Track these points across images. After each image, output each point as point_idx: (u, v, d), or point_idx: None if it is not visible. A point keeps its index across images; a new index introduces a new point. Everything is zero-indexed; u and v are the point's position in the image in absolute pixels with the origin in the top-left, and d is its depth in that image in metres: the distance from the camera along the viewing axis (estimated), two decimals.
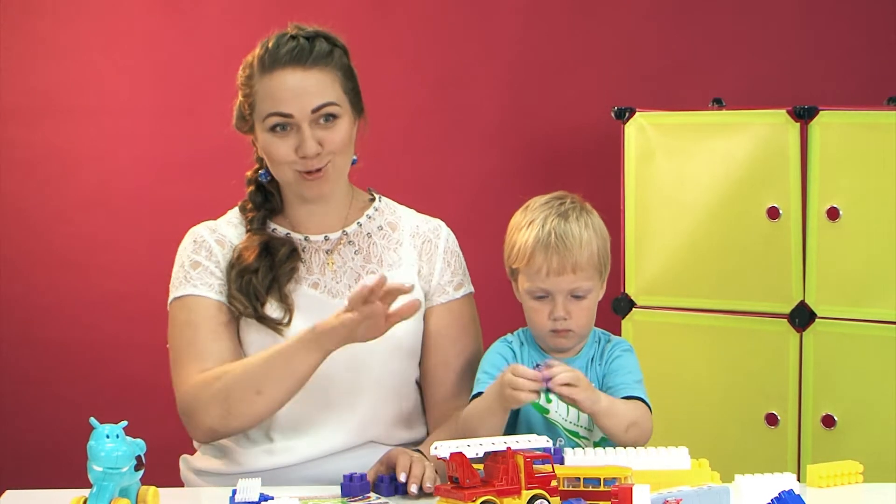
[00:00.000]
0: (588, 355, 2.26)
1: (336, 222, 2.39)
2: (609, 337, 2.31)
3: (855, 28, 3.68)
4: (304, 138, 2.26)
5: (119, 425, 1.83)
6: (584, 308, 2.21)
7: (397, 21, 3.62)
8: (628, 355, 2.27)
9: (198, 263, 2.33)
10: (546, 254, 2.19)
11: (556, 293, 2.20)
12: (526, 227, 2.23)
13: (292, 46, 2.28)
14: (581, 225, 2.22)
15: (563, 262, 2.18)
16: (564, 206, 2.25)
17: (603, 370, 2.25)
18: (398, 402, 2.36)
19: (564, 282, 2.19)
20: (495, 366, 2.24)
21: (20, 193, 3.59)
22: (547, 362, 2.11)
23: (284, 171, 2.30)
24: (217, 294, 2.31)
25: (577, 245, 2.19)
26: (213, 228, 2.38)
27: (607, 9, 3.70)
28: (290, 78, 2.27)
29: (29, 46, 3.57)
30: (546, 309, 2.21)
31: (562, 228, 2.20)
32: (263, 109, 2.28)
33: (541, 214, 2.23)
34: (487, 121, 3.70)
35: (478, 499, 1.85)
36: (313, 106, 2.27)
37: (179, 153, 3.62)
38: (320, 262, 2.36)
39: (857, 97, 3.43)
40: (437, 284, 2.40)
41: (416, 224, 2.44)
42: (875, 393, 3.00)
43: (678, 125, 3.24)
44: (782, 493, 1.82)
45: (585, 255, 2.20)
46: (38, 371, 3.60)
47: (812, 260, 3.06)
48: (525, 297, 2.24)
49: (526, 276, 2.22)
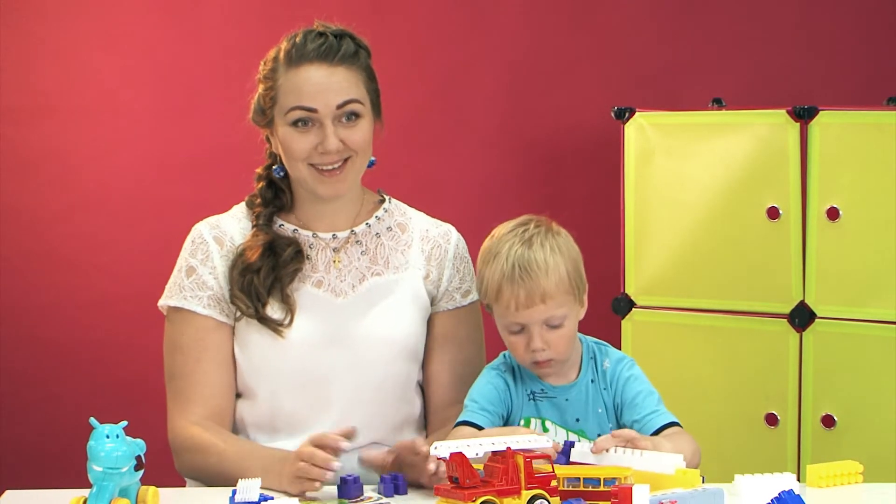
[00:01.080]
0: (587, 378, 2.21)
1: (346, 221, 2.39)
2: (601, 348, 2.25)
3: (855, 28, 3.68)
4: (326, 134, 2.26)
5: (119, 425, 1.83)
6: (561, 336, 2.15)
7: (397, 21, 3.63)
8: (636, 377, 2.20)
9: (193, 269, 2.33)
10: (512, 288, 2.12)
11: (531, 325, 2.14)
12: (492, 261, 2.16)
13: (320, 43, 2.27)
14: (546, 251, 2.13)
15: (531, 293, 2.11)
16: (528, 233, 2.16)
17: (613, 398, 2.19)
18: (400, 405, 2.36)
19: (536, 313, 2.13)
20: (485, 397, 2.19)
21: (20, 193, 3.58)
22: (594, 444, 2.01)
23: (301, 168, 2.29)
24: (206, 307, 2.31)
25: (543, 274, 2.12)
26: (215, 224, 2.38)
27: (607, 9, 3.70)
28: (316, 73, 2.27)
29: (29, 46, 3.57)
30: (523, 342, 2.15)
31: (525, 258, 2.12)
32: (286, 103, 2.27)
33: (505, 245, 2.15)
34: (487, 121, 3.70)
35: (478, 499, 1.85)
36: (338, 102, 2.26)
37: (179, 153, 3.61)
38: (326, 260, 2.36)
39: (857, 97, 3.43)
40: (446, 290, 2.40)
41: (426, 228, 2.43)
42: (875, 393, 3.00)
43: (678, 125, 3.24)
44: (782, 493, 1.82)
45: (553, 282, 2.12)
46: (38, 371, 3.60)
47: (812, 260, 3.06)
48: (502, 331, 2.19)
49: (498, 311, 2.17)
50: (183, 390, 2.31)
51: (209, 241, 2.35)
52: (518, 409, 2.20)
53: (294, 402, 2.29)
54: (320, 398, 2.29)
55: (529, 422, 2.20)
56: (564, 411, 2.20)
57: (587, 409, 2.19)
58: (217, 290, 2.32)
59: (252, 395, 2.33)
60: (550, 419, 2.20)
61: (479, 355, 2.42)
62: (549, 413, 2.20)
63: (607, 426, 2.19)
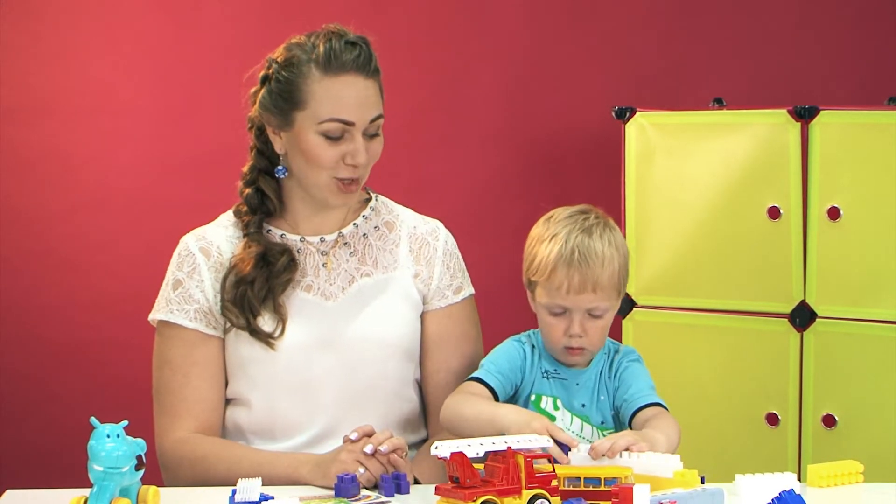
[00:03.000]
0: (598, 367, 2.25)
1: (334, 224, 2.38)
2: (618, 347, 2.29)
3: (855, 28, 3.68)
4: (357, 148, 2.24)
5: (119, 425, 1.83)
6: (599, 327, 2.19)
7: (397, 21, 3.62)
8: (637, 364, 2.25)
9: (179, 283, 2.33)
10: (568, 270, 2.15)
11: (574, 311, 2.17)
12: (548, 241, 2.18)
13: (357, 54, 2.25)
14: (605, 242, 2.18)
15: (585, 280, 2.15)
16: (588, 222, 2.20)
17: (613, 383, 2.23)
18: (397, 405, 2.35)
19: (584, 300, 2.16)
20: (502, 362, 2.22)
21: (20, 193, 3.58)
22: (592, 448, 2.01)
23: (323, 176, 2.27)
24: (192, 321, 2.31)
25: (600, 264, 2.16)
26: (201, 236, 2.36)
27: (607, 9, 3.70)
28: (356, 85, 2.25)
29: (29, 47, 3.57)
30: (562, 325, 2.19)
31: (585, 246, 2.16)
32: (322, 112, 2.24)
33: (564, 228, 2.18)
34: (488, 121, 3.70)
35: (478, 499, 1.85)
36: (371, 116, 2.26)
37: (179, 153, 3.61)
38: (315, 263, 2.35)
39: (857, 97, 3.43)
40: (437, 288, 2.39)
41: (413, 225, 2.42)
42: (875, 393, 3.00)
43: (678, 125, 3.24)
44: (782, 493, 1.82)
45: (607, 274, 2.16)
46: (38, 371, 3.60)
47: (812, 260, 3.06)
48: (541, 311, 2.21)
49: (545, 290, 2.19)
50: (173, 406, 2.31)
51: (196, 254, 2.34)
52: (529, 384, 2.23)
53: (289, 407, 2.29)
54: (315, 401, 2.29)
55: (541, 398, 2.22)
56: (573, 395, 2.23)
57: (593, 396, 2.23)
58: (204, 303, 2.31)
59: (246, 402, 2.32)
60: (560, 398, 2.23)
61: (476, 351, 2.41)
62: (558, 393, 2.23)
63: (609, 414, 2.22)
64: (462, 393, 2.21)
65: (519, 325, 2.20)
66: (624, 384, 2.22)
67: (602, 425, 2.23)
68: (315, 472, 2.13)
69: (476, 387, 2.21)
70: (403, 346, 2.35)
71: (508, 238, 3.68)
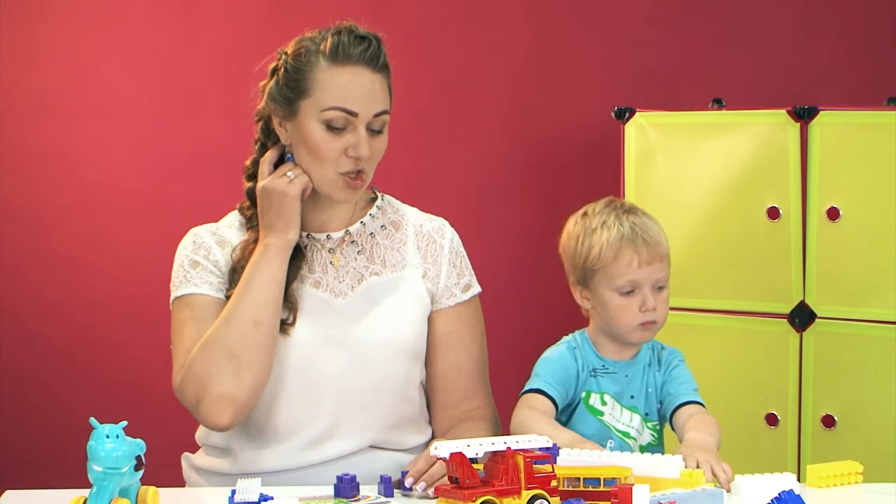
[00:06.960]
0: (644, 360, 2.31)
1: (341, 222, 2.38)
2: (662, 345, 2.35)
3: (855, 28, 3.68)
4: (360, 140, 2.24)
5: (119, 425, 1.83)
6: (664, 300, 2.28)
7: (397, 21, 3.62)
8: (684, 364, 2.34)
9: (197, 263, 2.32)
10: (635, 246, 2.23)
11: (645, 284, 2.24)
12: (600, 228, 2.26)
13: (366, 46, 2.26)
14: (651, 219, 2.29)
15: (652, 251, 2.24)
16: (626, 206, 2.30)
17: (662, 377, 2.30)
18: (401, 405, 2.34)
19: (654, 271, 2.25)
20: (554, 373, 2.26)
21: (20, 193, 3.58)
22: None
23: (328, 171, 2.27)
24: (217, 291, 2.29)
25: (657, 237, 2.26)
26: (214, 231, 2.36)
27: (607, 9, 3.70)
28: (362, 77, 2.26)
29: (29, 47, 3.57)
30: (635, 303, 2.25)
31: (641, 223, 2.26)
32: (326, 101, 2.24)
33: (610, 215, 2.27)
34: (488, 120, 3.70)
35: (478, 499, 1.85)
36: (376, 110, 2.26)
37: (179, 153, 3.61)
38: (322, 260, 2.35)
39: (857, 97, 3.43)
40: (445, 287, 2.39)
41: (419, 223, 2.42)
42: (875, 393, 3.00)
43: (678, 125, 3.24)
44: (782, 493, 1.82)
45: (664, 246, 2.27)
46: (38, 371, 3.60)
47: (812, 260, 3.07)
48: (610, 296, 2.26)
49: (611, 274, 2.25)
50: (188, 351, 2.25)
51: (211, 244, 2.33)
52: (581, 385, 2.28)
53: (290, 403, 2.28)
54: (317, 398, 2.28)
55: (590, 395, 2.27)
56: (624, 388, 2.29)
57: (642, 388, 2.30)
58: (223, 284, 2.30)
59: None
60: (609, 393, 2.28)
61: (482, 350, 2.41)
62: (608, 387, 2.28)
63: (654, 406, 2.30)
64: (527, 408, 2.24)
65: (519, 324, 2.21)
66: (672, 380, 2.30)
67: (647, 417, 2.29)
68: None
69: (539, 400, 2.24)
70: (410, 347, 2.34)
71: (508, 237, 3.69)
